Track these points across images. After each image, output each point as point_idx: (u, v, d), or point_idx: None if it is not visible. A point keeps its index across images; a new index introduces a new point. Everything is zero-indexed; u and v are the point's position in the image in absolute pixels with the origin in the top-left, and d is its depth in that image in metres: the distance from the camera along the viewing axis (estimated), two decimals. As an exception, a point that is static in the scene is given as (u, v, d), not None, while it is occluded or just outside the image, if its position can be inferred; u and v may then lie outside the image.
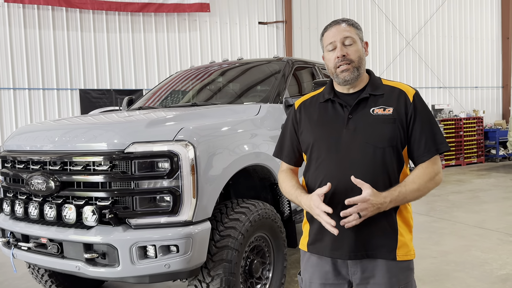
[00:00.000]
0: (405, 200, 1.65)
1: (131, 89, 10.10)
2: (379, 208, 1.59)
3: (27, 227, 2.83)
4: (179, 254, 2.51)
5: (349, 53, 1.71)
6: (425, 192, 1.68)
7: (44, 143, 2.85)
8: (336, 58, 1.71)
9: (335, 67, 1.73)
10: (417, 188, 1.65)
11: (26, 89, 9.29)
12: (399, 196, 1.62)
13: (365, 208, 1.56)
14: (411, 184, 1.65)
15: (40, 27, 9.36)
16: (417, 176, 1.67)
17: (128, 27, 10.08)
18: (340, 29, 1.73)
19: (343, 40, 1.71)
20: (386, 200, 1.59)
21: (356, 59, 1.72)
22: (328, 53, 1.76)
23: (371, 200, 1.56)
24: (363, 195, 1.56)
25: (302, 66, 4.41)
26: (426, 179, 1.67)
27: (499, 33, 14.53)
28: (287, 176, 1.89)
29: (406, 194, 1.63)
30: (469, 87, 14.24)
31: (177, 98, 4.49)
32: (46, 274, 3.58)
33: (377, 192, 1.58)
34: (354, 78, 1.72)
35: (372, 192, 1.57)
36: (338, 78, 1.74)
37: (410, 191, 1.64)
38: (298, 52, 11.65)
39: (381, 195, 1.59)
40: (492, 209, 6.71)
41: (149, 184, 2.52)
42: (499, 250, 4.64)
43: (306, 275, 1.84)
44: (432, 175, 1.68)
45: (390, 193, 1.61)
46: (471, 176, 10.23)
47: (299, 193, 1.77)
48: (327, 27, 1.79)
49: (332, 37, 1.74)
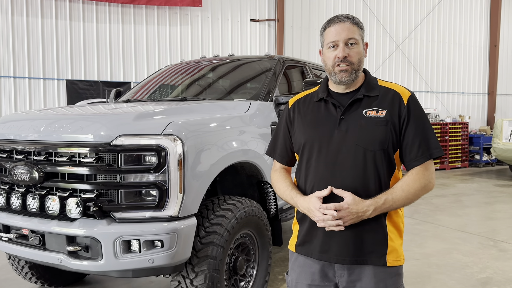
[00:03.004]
0: (392, 207, 1.61)
1: (119, 81, 9.98)
2: (361, 216, 1.57)
3: (9, 218, 2.77)
4: (164, 249, 2.49)
5: (350, 55, 1.66)
6: (414, 199, 1.63)
7: (29, 133, 2.79)
8: (337, 58, 1.66)
9: (333, 65, 1.68)
10: (405, 196, 1.60)
11: (11, 77, 9.11)
12: (384, 204, 1.58)
13: (343, 216, 1.55)
14: (399, 191, 1.60)
15: (28, 14, 9.18)
16: (406, 183, 1.62)
17: (118, 18, 9.95)
18: (344, 27, 1.66)
19: (347, 40, 1.66)
20: (370, 208, 1.56)
21: (357, 62, 1.67)
22: (328, 50, 1.70)
23: (350, 209, 1.54)
24: (341, 203, 1.55)
25: (293, 65, 4.41)
26: (415, 187, 1.62)
27: (487, 40, 14.75)
28: (281, 176, 1.87)
29: (393, 201, 1.59)
30: (456, 93, 14.43)
31: (166, 92, 4.45)
32: (27, 266, 3.52)
33: (359, 200, 1.55)
34: (351, 80, 1.68)
35: (353, 200, 1.55)
36: (335, 77, 1.69)
37: (398, 198, 1.60)
38: (289, 51, 11.66)
39: (364, 203, 1.56)
40: (474, 214, 6.81)
41: (135, 178, 2.49)
42: (480, 254, 4.71)
43: (293, 275, 1.82)
44: (423, 182, 1.63)
45: (374, 201, 1.58)
46: (454, 180, 10.37)
47: (295, 194, 1.74)
48: (330, 22, 1.71)
49: (335, 35, 1.67)
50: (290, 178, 1.88)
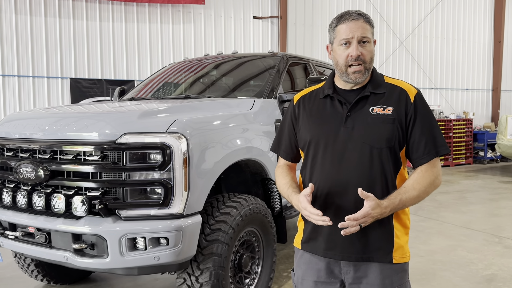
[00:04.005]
0: (404, 206, 1.63)
1: (123, 79, 9.99)
2: (378, 218, 1.57)
3: (15, 216, 2.78)
4: (169, 246, 2.50)
5: (363, 54, 1.63)
6: (424, 197, 1.64)
7: (34, 131, 2.81)
8: (350, 57, 1.63)
9: (346, 65, 1.65)
10: (417, 195, 1.61)
11: (15, 76, 9.14)
12: (399, 204, 1.59)
13: (366, 220, 1.54)
14: (412, 190, 1.61)
15: (32, 13, 9.20)
16: (416, 181, 1.63)
17: (121, 16, 9.96)
18: (358, 25, 1.63)
19: (360, 38, 1.62)
20: (387, 210, 1.56)
21: (369, 60, 1.65)
22: (340, 48, 1.66)
23: (372, 214, 1.53)
24: (365, 210, 1.52)
25: (296, 62, 4.40)
26: (425, 184, 1.62)
27: (491, 36, 14.67)
28: (282, 173, 1.87)
29: (406, 201, 1.60)
30: (460, 89, 14.37)
31: (170, 90, 4.45)
32: (33, 263, 3.54)
33: (378, 203, 1.54)
34: (363, 79, 1.67)
35: (374, 204, 1.53)
36: (348, 77, 1.66)
37: (411, 197, 1.60)
38: (292, 48, 11.63)
39: (382, 205, 1.55)
40: (479, 210, 6.79)
41: (140, 176, 2.50)
42: (484, 250, 4.70)
43: (299, 272, 1.82)
44: (432, 178, 1.64)
45: (391, 202, 1.57)
46: (459, 177, 10.34)
47: (291, 192, 1.75)
48: (343, 18, 1.66)
49: (349, 32, 1.63)
50: (292, 175, 1.87)
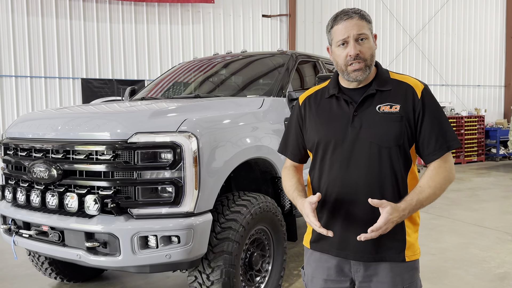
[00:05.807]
0: (422, 206, 1.58)
1: (133, 79, 10.07)
2: (398, 222, 1.54)
3: (29, 215, 2.83)
4: (180, 244, 2.52)
5: (362, 51, 1.59)
6: (440, 193, 1.61)
7: (47, 131, 2.85)
8: (348, 56, 1.60)
9: (346, 64, 1.61)
10: (433, 192, 1.58)
11: (28, 77, 9.27)
12: (416, 205, 1.55)
13: (387, 228, 1.51)
14: (427, 189, 1.58)
15: (43, 15, 9.32)
16: (431, 179, 1.59)
17: (131, 17, 10.04)
18: (352, 23, 1.59)
19: (357, 36, 1.59)
20: (405, 212, 1.53)
21: (369, 57, 1.62)
22: (338, 49, 1.63)
23: (392, 219, 1.49)
24: (384, 217, 1.48)
25: (305, 60, 4.40)
26: (440, 180, 1.60)
27: (503, 31, 14.45)
28: (288, 175, 1.85)
29: (423, 200, 1.57)
30: (471, 86, 14.20)
31: (180, 90, 4.48)
32: (46, 261, 3.59)
33: (395, 208, 1.50)
34: (365, 77, 1.64)
35: (391, 209, 1.49)
36: (349, 76, 1.64)
37: (427, 196, 1.57)
38: (301, 46, 11.60)
39: (399, 208, 1.51)
40: (491, 208, 6.72)
41: (151, 175, 2.53)
42: (497, 248, 4.65)
43: (309, 270, 1.82)
44: (446, 174, 1.61)
45: (408, 203, 1.54)
46: (471, 174, 10.23)
47: (296, 195, 1.73)
48: (337, 19, 1.63)
49: (344, 32, 1.60)
50: (298, 176, 1.85)
